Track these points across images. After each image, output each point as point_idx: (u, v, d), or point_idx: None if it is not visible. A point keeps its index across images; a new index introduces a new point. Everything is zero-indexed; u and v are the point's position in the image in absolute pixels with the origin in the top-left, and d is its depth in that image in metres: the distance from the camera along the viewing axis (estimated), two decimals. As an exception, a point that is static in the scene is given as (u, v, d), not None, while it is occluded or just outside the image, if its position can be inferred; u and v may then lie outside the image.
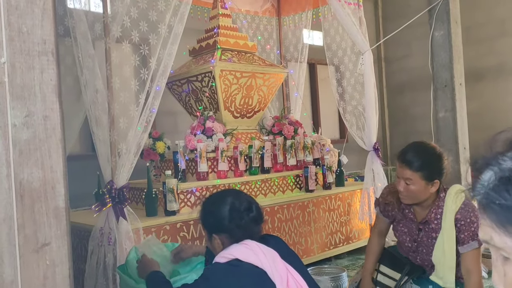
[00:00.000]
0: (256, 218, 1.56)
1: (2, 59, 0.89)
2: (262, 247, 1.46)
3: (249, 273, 1.41)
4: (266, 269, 1.41)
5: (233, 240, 1.53)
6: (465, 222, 1.85)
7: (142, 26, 2.56)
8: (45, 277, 0.95)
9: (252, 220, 1.55)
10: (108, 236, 2.41)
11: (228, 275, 1.41)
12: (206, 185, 3.10)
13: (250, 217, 1.54)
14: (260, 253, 1.42)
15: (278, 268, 1.42)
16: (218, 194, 1.68)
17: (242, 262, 1.42)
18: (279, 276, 1.40)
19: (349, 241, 3.81)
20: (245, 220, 1.53)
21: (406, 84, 7.01)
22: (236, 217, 1.53)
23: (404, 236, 2.05)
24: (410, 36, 6.06)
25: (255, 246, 1.45)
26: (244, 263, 1.41)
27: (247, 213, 1.54)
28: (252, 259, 1.41)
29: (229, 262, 1.43)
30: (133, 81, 2.52)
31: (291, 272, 1.46)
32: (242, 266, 1.41)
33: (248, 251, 1.43)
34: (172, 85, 3.74)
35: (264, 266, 1.41)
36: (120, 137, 2.46)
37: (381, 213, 2.15)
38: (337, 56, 4.19)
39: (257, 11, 4.62)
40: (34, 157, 0.94)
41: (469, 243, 1.85)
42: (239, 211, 1.54)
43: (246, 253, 1.43)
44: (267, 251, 1.45)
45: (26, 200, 0.93)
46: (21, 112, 0.92)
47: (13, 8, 0.90)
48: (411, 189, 1.88)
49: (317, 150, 3.89)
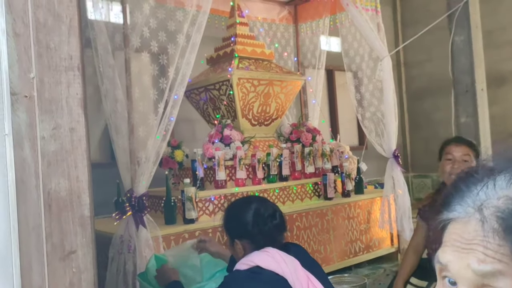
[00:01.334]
0: (279, 225, 1.56)
1: (31, 75, 0.93)
2: (283, 255, 1.45)
3: (270, 280, 1.40)
4: (287, 277, 1.40)
5: (255, 246, 1.52)
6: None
7: (161, 36, 2.60)
8: (71, 283, 0.97)
9: (275, 228, 1.55)
10: (128, 244, 2.45)
11: (249, 282, 1.41)
12: (224, 193, 3.11)
13: (274, 224, 1.54)
14: (281, 261, 1.41)
15: (299, 276, 1.41)
16: (243, 200, 1.70)
17: (263, 270, 1.41)
18: (300, 284, 1.39)
19: (369, 250, 3.76)
20: (268, 227, 1.53)
21: (426, 89, 6.91)
22: (259, 223, 1.53)
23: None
24: (430, 41, 5.98)
25: (276, 253, 1.44)
26: (265, 270, 1.40)
27: (270, 220, 1.54)
28: (273, 267, 1.40)
29: (250, 269, 1.42)
30: (152, 90, 2.57)
31: (312, 281, 1.45)
32: (263, 274, 1.40)
33: (269, 258, 1.42)
34: (190, 93, 3.78)
35: (285, 274, 1.40)
36: (139, 146, 2.50)
37: (420, 218, 2.21)
38: (355, 62, 4.17)
39: (274, 18, 4.65)
40: (61, 168, 0.97)
41: None
42: (263, 218, 1.54)
43: (267, 260, 1.42)
44: (288, 259, 1.44)
45: (53, 210, 0.96)
46: (49, 124, 0.95)
47: (42, 26, 0.94)
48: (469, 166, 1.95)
49: (335, 158, 3.87)
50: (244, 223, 1.55)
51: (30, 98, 0.93)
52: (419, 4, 6.76)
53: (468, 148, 2.03)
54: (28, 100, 0.93)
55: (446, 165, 2.04)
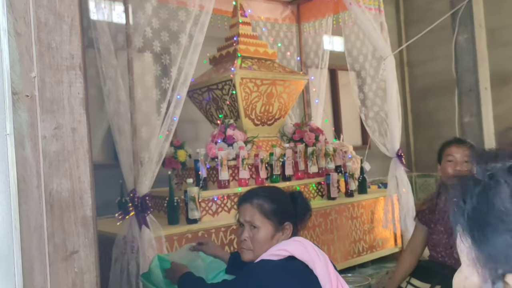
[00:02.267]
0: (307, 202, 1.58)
1: (32, 74, 0.93)
2: (316, 248, 1.37)
3: (301, 274, 1.32)
4: (317, 272, 1.32)
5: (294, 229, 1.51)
6: None
7: (163, 36, 2.60)
8: (73, 284, 0.97)
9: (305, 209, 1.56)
10: (131, 244, 2.44)
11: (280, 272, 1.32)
12: (228, 193, 3.10)
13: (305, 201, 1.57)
14: (313, 253, 1.34)
15: (330, 274, 1.33)
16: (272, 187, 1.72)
17: (295, 260, 1.33)
18: (329, 282, 1.30)
19: (373, 250, 3.75)
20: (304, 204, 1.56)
21: (430, 89, 6.88)
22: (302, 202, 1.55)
23: (441, 235, 2.12)
24: (433, 40, 5.96)
25: (308, 245, 1.37)
26: (298, 261, 1.32)
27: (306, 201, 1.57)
28: (306, 258, 1.32)
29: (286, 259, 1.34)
30: (155, 90, 2.57)
31: (341, 282, 1.37)
32: (296, 266, 1.32)
33: (303, 249, 1.34)
34: (192, 93, 3.78)
35: (316, 268, 1.32)
36: (142, 146, 2.50)
37: (419, 221, 2.24)
38: (358, 61, 4.16)
39: (276, 18, 4.64)
40: (63, 168, 0.97)
41: None
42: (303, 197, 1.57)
43: (301, 250, 1.34)
44: (321, 253, 1.37)
45: (55, 210, 0.96)
46: (50, 124, 0.95)
47: (43, 25, 0.93)
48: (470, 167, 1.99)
49: (339, 157, 3.86)
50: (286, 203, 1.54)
51: (32, 98, 0.93)
52: (422, 3, 6.73)
53: (469, 149, 2.05)
54: (29, 99, 0.93)
55: (447, 166, 2.06)
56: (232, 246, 2.91)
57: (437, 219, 2.15)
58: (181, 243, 2.68)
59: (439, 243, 2.12)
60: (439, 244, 2.12)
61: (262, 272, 1.33)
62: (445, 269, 2.06)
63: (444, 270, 2.05)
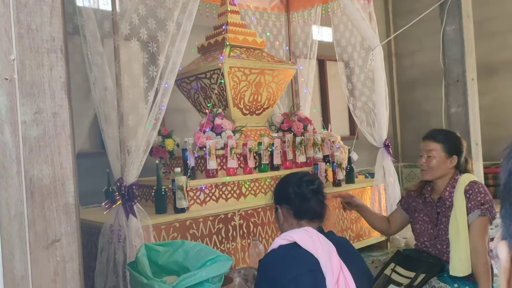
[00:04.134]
0: (316, 192, 1.61)
1: (11, 56, 0.90)
2: (321, 237, 1.43)
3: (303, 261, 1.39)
4: (320, 260, 1.38)
5: (294, 212, 1.59)
6: (473, 191, 2.00)
7: (151, 23, 2.55)
8: (55, 273, 0.95)
9: (312, 193, 1.60)
10: (118, 233, 2.43)
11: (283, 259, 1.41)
12: (216, 182, 3.10)
13: (310, 189, 1.59)
14: (318, 242, 1.40)
15: (332, 263, 1.38)
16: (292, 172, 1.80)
17: (299, 248, 1.40)
18: (331, 271, 1.36)
19: (360, 239, 3.79)
20: (304, 190, 1.59)
21: (417, 80, 6.93)
22: (298, 185, 1.60)
23: (425, 225, 2.15)
24: (421, 31, 5.99)
25: (314, 234, 1.44)
26: (301, 249, 1.40)
27: (307, 184, 1.60)
28: (310, 247, 1.39)
29: (287, 245, 1.43)
30: (142, 78, 2.53)
31: (344, 271, 1.40)
32: (299, 253, 1.40)
33: (307, 237, 1.42)
34: (181, 82, 3.74)
35: (319, 256, 1.38)
36: (129, 135, 2.47)
37: (401, 207, 2.30)
38: (346, 52, 4.15)
39: (265, 7, 4.60)
40: (44, 154, 0.94)
41: (474, 211, 1.97)
42: (301, 181, 1.61)
43: (306, 239, 1.41)
44: (326, 243, 1.42)
45: (36, 197, 0.94)
46: (30, 109, 0.92)
47: (22, 6, 0.90)
48: (432, 161, 2.06)
49: (327, 147, 3.87)
50: (286, 186, 1.64)
51: (11, 81, 0.90)
52: (411, -6, 6.74)
53: (432, 141, 2.10)
54: (8, 83, 0.90)
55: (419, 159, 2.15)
56: (220, 235, 2.91)
57: (421, 209, 2.18)
58: (169, 232, 2.67)
59: (423, 233, 2.16)
60: (423, 234, 2.16)
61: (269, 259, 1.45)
62: (430, 258, 2.09)
63: (430, 259, 2.08)
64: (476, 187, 2.01)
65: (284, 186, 1.67)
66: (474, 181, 2.06)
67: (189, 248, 2.11)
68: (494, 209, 2.00)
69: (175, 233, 2.71)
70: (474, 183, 2.04)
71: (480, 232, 1.96)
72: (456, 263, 1.96)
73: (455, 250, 1.97)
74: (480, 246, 1.94)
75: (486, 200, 1.99)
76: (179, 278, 1.89)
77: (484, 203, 1.98)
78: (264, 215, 3.18)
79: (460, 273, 1.95)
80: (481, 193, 2.00)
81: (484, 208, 1.97)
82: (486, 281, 1.90)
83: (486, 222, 1.98)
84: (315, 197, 1.61)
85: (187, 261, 2.07)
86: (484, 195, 2.00)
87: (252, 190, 3.30)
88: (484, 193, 2.01)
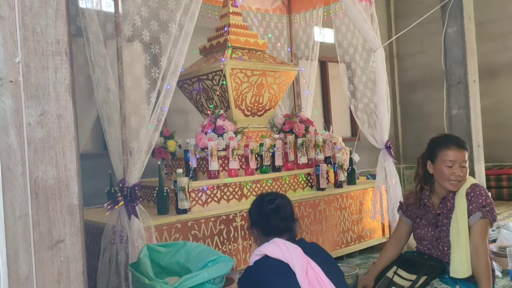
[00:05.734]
0: (276, 209, 1.81)
1: (17, 59, 0.91)
2: (287, 244, 1.68)
3: (275, 267, 1.62)
4: (289, 262, 1.61)
5: (262, 231, 1.82)
6: (474, 194, 2.01)
7: (153, 25, 2.57)
8: (59, 273, 0.96)
9: (274, 212, 1.80)
10: (120, 234, 2.44)
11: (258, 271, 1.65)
12: (217, 184, 3.10)
13: (270, 208, 1.80)
14: (284, 248, 1.64)
15: (298, 260, 1.61)
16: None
17: (270, 258, 1.64)
18: (299, 267, 1.59)
19: (361, 240, 3.79)
20: (265, 211, 1.80)
21: (419, 81, 6.93)
22: (260, 207, 1.83)
23: (426, 229, 2.16)
24: (423, 32, 6.00)
25: (281, 243, 1.68)
26: (272, 259, 1.64)
27: (267, 204, 1.81)
28: (278, 255, 1.63)
29: (259, 260, 1.67)
30: (144, 80, 2.54)
31: (311, 265, 1.64)
32: (270, 262, 1.64)
33: (275, 248, 1.66)
34: (183, 83, 3.75)
35: (288, 259, 1.62)
36: (131, 136, 2.48)
37: (403, 214, 2.29)
38: (348, 53, 4.16)
39: (267, 9, 4.61)
40: (49, 156, 0.95)
41: (475, 213, 1.98)
42: (262, 202, 1.83)
43: (274, 249, 1.65)
44: (291, 247, 1.66)
45: (40, 198, 0.95)
46: (35, 111, 0.93)
47: (27, 9, 0.91)
48: (465, 172, 2.05)
49: (328, 148, 3.87)
50: (252, 210, 1.89)
51: (16, 83, 0.91)
52: (413, -5, 6.75)
53: (466, 152, 2.06)
54: (13, 85, 0.91)
55: (445, 170, 2.03)
56: (222, 236, 2.92)
57: (422, 215, 2.18)
58: (171, 233, 2.68)
59: (424, 237, 2.16)
60: (424, 238, 2.16)
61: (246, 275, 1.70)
62: (432, 260, 2.09)
63: (431, 261, 2.09)
64: (477, 190, 2.02)
65: (251, 210, 1.90)
66: (476, 183, 2.07)
67: (191, 249, 2.12)
68: (494, 212, 2.01)
69: (177, 234, 2.71)
70: (476, 186, 2.05)
71: (481, 234, 1.96)
72: (456, 265, 1.97)
73: (455, 252, 1.98)
74: (481, 247, 1.94)
75: (487, 202, 2.00)
76: (181, 279, 1.90)
77: (485, 206, 1.98)
78: (266, 216, 3.19)
79: (460, 275, 1.95)
80: (482, 195, 2.01)
81: (485, 210, 1.97)
82: (487, 282, 1.91)
83: (487, 224, 1.99)
84: (276, 215, 1.81)
85: (189, 262, 2.08)
86: (485, 197, 2.01)
87: (254, 191, 3.31)
88: (485, 196, 2.02)
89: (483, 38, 5.84)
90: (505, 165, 6.02)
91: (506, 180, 5.83)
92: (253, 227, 1.88)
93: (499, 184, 5.87)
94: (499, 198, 5.80)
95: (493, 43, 6.12)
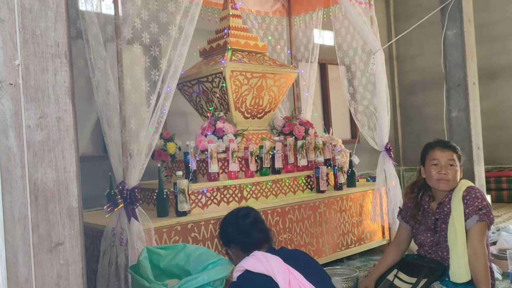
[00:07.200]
0: (253, 222, 1.79)
1: (16, 61, 0.91)
2: (267, 255, 1.66)
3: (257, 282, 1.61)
4: (270, 274, 1.60)
5: (241, 248, 1.78)
6: (470, 197, 2.01)
7: (153, 27, 2.57)
8: (58, 276, 0.96)
9: (252, 226, 1.78)
10: (120, 237, 2.43)
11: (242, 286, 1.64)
12: (217, 186, 3.10)
13: (248, 222, 1.78)
14: (264, 261, 1.63)
15: (280, 271, 1.60)
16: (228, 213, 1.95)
17: (252, 273, 1.62)
18: (281, 277, 1.58)
19: (361, 242, 3.79)
20: (243, 225, 1.77)
21: (419, 84, 6.94)
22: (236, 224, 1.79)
23: (425, 234, 2.16)
24: (422, 35, 6.00)
25: (261, 256, 1.66)
26: (254, 273, 1.62)
27: (243, 219, 1.79)
28: (260, 268, 1.62)
29: (241, 275, 1.65)
30: (144, 82, 2.54)
31: (293, 273, 1.62)
32: (252, 278, 1.62)
33: (255, 261, 1.64)
34: (182, 86, 3.76)
35: (269, 271, 1.60)
36: (131, 138, 2.47)
37: (402, 220, 2.30)
38: (348, 56, 4.16)
39: (267, 11, 4.62)
40: (48, 158, 0.95)
41: (472, 216, 1.98)
42: (237, 218, 1.80)
43: (254, 263, 1.64)
44: (271, 258, 1.65)
45: (40, 200, 0.95)
46: (35, 113, 0.93)
47: (27, 11, 0.91)
48: (453, 172, 2.07)
49: (328, 151, 3.87)
50: (226, 229, 1.85)
51: (16, 86, 0.91)
52: (412, -2, 6.77)
53: (452, 152, 2.09)
54: (13, 88, 0.91)
55: (432, 170, 2.09)
56: (221, 239, 2.91)
57: (421, 220, 2.18)
58: (170, 236, 2.67)
59: (424, 242, 2.17)
60: (424, 244, 2.17)
61: None
62: (432, 263, 2.09)
63: (431, 263, 2.09)
64: (473, 193, 2.02)
65: (225, 229, 1.87)
66: (471, 186, 2.07)
67: (191, 251, 2.12)
68: (492, 214, 2.01)
69: (177, 236, 2.71)
70: (471, 189, 2.05)
71: (480, 237, 1.96)
72: (455, 269, 1.96)
73: (454, 257, 1.98)
74: (480, 250, 1.94)
75: (484, 205, 1.99)
76: (181, 282, 1.89)
77: (481, 208, 1.98)
78: (266, 219, 3.19)
79: (459, 279, 1.95)
80: (478, 198, 2.00)
81: (482, 213, 1.97)
82: (485, 285, 1.90)
83: (485, 227, 1.98)
84: (254, 227, 1.80)
85: (189, 264, 2.07)
86: (481, 200, 2.01)
87: (254, 194, 3.31)
88: (481, 198, 2.01)
89: (483, 41, 5.85)
90: (505, 167, 6.02)
91: (506, 182, 5.83)
92: (230, 247, 1.84)
93: (499, 186, 5.87)
94: (499, 200, 5.80)
95: (493, 46, 6.12)
